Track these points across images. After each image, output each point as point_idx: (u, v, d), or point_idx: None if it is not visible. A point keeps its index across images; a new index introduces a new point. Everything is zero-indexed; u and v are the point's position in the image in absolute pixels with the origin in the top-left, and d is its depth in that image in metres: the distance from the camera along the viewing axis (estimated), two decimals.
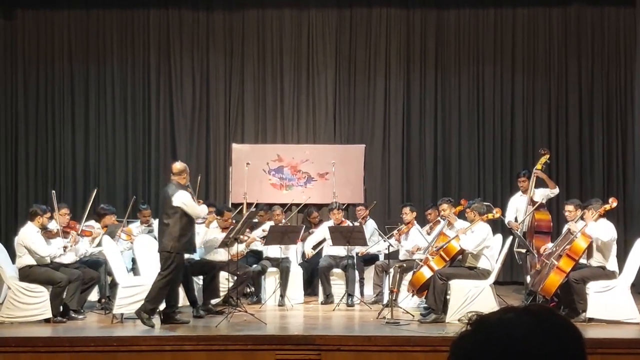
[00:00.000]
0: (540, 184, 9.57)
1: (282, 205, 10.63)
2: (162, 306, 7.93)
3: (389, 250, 9.17)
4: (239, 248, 9.03)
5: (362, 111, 11.87)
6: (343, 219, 10.11)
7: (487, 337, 1.35)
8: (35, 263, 8.16)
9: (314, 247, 10.03)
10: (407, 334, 7.26)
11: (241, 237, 8.85)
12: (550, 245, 8.56)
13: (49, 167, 11.83)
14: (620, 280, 8.02)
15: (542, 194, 9.52)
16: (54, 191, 9.42)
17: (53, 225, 8.55)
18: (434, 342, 6.83)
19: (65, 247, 8.44)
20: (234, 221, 9.23)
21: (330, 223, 9.97)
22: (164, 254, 7.81)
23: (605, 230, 7.96)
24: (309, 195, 11.39)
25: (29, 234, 8.20)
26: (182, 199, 7.79)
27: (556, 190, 9.64)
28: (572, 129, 11.72)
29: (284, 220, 10.27)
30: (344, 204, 10.77)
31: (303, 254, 10.13)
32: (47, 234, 8.39)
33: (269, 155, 11.76)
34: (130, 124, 11.88)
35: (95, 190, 9.67)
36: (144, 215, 10.05)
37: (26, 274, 8.16)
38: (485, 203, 8.83)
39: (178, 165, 8.09)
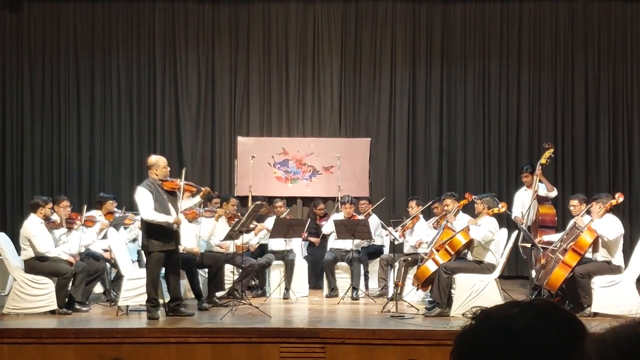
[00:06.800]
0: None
1: (285, 199, 10.62)
2: (167, 298, 7.95)
3: (394, 243, 9.16)
4: (249, 240, 8.99)
5: (367, 105, 11.85)
6: (354, 214, 10.08)
7: (491, 332, 1.34)
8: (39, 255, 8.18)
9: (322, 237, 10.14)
10: (411, 328, 7.27)
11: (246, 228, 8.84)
12: (552, 237, 8.55)
13: (54, 159, 11.84)
14: (626, 275, 8.01)
15: (544, 190, 9.51)
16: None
17: (56, 217, 8.58)
18: (438, 336, 6.83)
19: (62, 234, 8.47)
20: (239, 214, 9.22)
21: (337, 216, 9.97)
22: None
23: (611, 228, 7.93)
24: (310, 189, 11.42)
25: (32, 226, 8.21)
26: (136, 196, 7.70)
27: (554, 193, 9.57)
28: (578, 123, 11.67)
29: (285, 213, 10.23)
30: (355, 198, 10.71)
31: (310, 243, 10.17)
32: (51, 224, 8.41)
33: (274, 149, 11.75)
34: (136, 116, 11.89)
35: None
36: None
37: (32, 266, 8.18)
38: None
39: (150, 159, 7.94)
